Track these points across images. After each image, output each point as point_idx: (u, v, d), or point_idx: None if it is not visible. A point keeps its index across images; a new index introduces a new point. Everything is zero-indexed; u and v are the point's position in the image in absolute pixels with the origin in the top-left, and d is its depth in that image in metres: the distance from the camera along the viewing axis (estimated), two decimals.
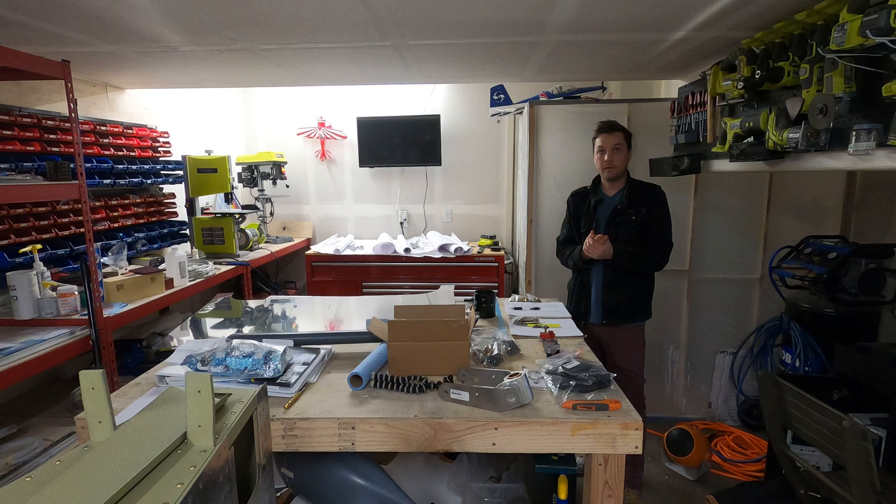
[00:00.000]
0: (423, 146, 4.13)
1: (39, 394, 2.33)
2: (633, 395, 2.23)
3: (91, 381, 0.75)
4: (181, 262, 2.65)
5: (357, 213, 4.48)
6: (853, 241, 2.63)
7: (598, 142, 2.31)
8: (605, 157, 2.27)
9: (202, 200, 3.49)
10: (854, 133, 1.40)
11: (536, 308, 2.19)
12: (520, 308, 2.19)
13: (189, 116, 3.71)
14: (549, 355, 1.61)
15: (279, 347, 1.45)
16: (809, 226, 2.96)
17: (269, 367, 1.38)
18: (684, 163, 2.42)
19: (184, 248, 3.29)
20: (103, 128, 2.76)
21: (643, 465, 2.46)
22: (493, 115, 3.69)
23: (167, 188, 3.32)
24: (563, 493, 1.47)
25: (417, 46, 2.33)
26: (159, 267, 2.65)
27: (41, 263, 2.09)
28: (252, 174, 3.96)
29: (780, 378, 1.69)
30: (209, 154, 3.43)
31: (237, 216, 3.53)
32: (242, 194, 4.17)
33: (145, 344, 2.74)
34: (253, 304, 2.26)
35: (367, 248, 3.86)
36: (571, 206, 2.48)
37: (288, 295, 4.08)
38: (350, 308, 2.29)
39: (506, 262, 3.77)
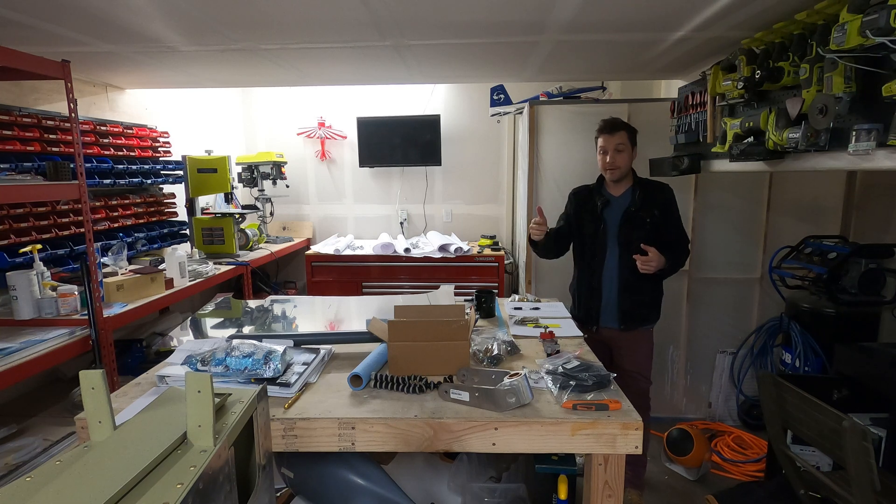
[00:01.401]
0: (423, 146, 4.13)
1: (39, 394, 2.32)
2: (637, 397, 2.17)
3: (91, 381, 0.75)
4: (181, 262, 2.65)
5: (357, 213, 4.48)
6: (853, 241, 2.63)
7: (599, 142, 2.23)
8: (608, 159, 2.19)
9: (202, 200, 3.49)
10: (854, 133, 1.40)
11: (536, 308, 2.19)
12: (520, 308, 2.19)
13: (189, 116, 3.71)
14: (549, 355, 1.61)
15: (279, 347, 1.45)
16: (809, 226, 2.96)
17: (269, 367, 1.38)
18: (684, 163, 2.42)
19: (184, 248, 3.29)
20: (103, 128, 2.76)
21: (646, 465, 2.44)
22: (493, 115, 3.69)
23: (167, 188, 3.32)
24: (563, 493, 1.47)
25: (417, 46, 2.33)
26: (159, 267, 2.65)
27: (41, 263, 2.09)
28: (252, 174, 3.97)
29: (780, 378, 1.69)
30: (209, 154, 3.43)
31: (237, 216, 3.53)
32: (242, 194, 4.17)
33: (145, 344, 2.74)
34: (253, 304, 2.26)
35: (367, 248, 3.86)
36: (573, 205, 2.38)
37: (288, 295, 4.08)
38: (350, 308, 2.29)
39: (506, 262, 3.77)
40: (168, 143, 3.27)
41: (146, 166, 3.03)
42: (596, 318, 2.28)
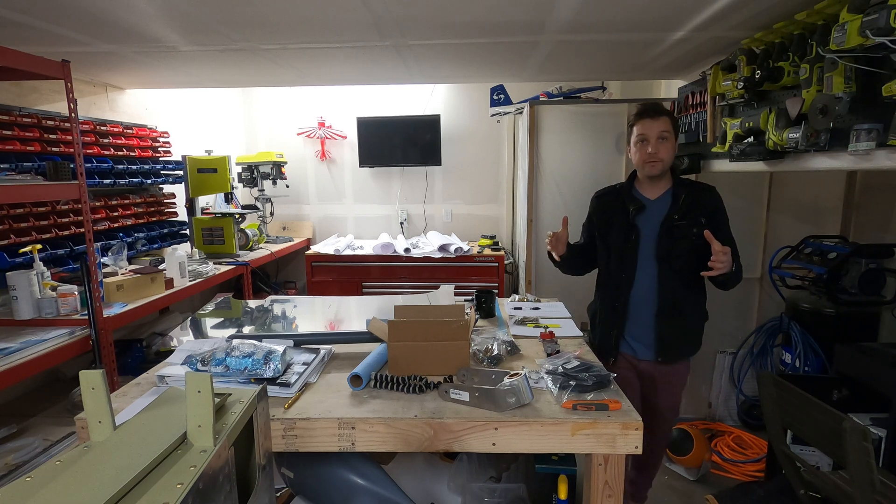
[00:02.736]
0: (423, 146, 4.13)
1: (39, 394, 2.32)
2: (661, 439, 2.05)
3: (91, 381, 0.75)
4: (181, 262, 2.65)
5: (357, 213, 4.48)
6: (853, 241, 2.63)
7: (637, 129, 1.85)
8: (649, 149, 1.81)
9: (202, 200, 3.49)
10: (854, 133, 1.40)
11: (536, 308, 2.19)
12: (520, 308, 2.19)
13: (189, 116, 3.71)
14: (549, 355, 1.61)
15: (279, 347, 1.45)
16: (809, 226, 2.96)
17: (269, 367, 1.38)
18: (684, 163, 2.43)
19: (184, 248, 3.29)
20: (103, 128, 2.76)
21: (652, 479, 2.23)
22: (493, 115, 3.69)
23: (167, 188, 3.32)
24: (563, 493, 1.47)
25: (417, 46, 2.33)
26: (159, 267, 2.65)
27: (41, 263, 2.09)
28: (252, 174, 3.97)
29: (781, 378, 1.69)
30: (209, 154, 3.43)
31: (237, 216, 3.53)
32: (242, 194, 4.17)
33: (145, 344, 2.74)
34: (253, 304, 2.25)
35: (367, 248, 3.86)
36: (597, 211, 2.03)
37: (288, 295, 4.08)
38: (350, 308, 2.28)
39: (506, 262, 3.77)
40: (168, 143, 3.27)
41: (146, 166, 3.03)
42: (615, 348, 1.96)
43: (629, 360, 1.95)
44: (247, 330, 1.89)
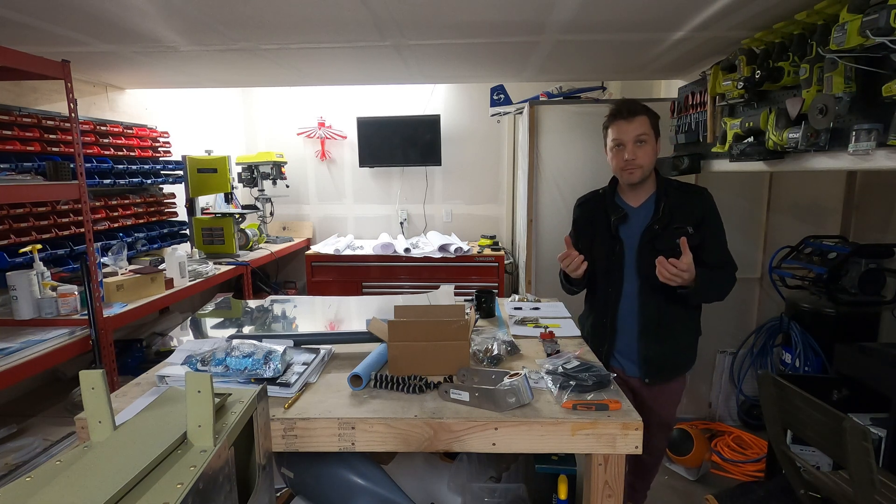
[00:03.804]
0: (423, 146, 4.13)
1: (39, 394, 2.33)
2: (658, 447, 1.99)
3: (91, 381, 0.75)
4: (181, 262, 2.65)
5: (357, 213, 4.48)
6: (853, 241, 2.63)
7: (611, 133, 1.69)
8: (626, 155, 1.64)
9: (202, 200, 3.49)
10: (854, 133, 1.40)
11: (536, 308, 2.19)
12: (520, 308, 2.19)
13: (189, 116, 3.71)
14: (549, 355, 1.61)
15: (279, 347, 1.45)
16: (809, 226, 2.96)
17: (269, 367, 1.38)
18: (684, 163, 2.42)
19: (184, 248, 3.29)
20: (103, 128, 2.76)
21: (650, 482, 2.16)
22: (493, 115, 3.69)
23: (167, 188, 3.32)
24: (563, 493, 1.47)
25: (417, 46, 2.33)
26: (159, 267, 2.65)
27: (41, 263, 2.09)
28: (252, 174, 3.97)
29: (781, 378, 1.69)
30: (209, 154, 3.43)
31: (237, 216, 3.53)
32: (242, 194, 4.17)
33: (145, 344, 2.74)
34: (253, 304, 2.25)
35: (367, 248, 3.86)
36: (580, 221, 1.87)
37: (288, 295, 4.08)
38: (350, 308, 2.28)
39: (506, 262, 3.77)
40: (168, 143, 3.27)
41: (146, 166, 3.03)
42: (605, 364, 1.75)
43: (620, 375, 1.85)
44: (247, 330, 1.89)
